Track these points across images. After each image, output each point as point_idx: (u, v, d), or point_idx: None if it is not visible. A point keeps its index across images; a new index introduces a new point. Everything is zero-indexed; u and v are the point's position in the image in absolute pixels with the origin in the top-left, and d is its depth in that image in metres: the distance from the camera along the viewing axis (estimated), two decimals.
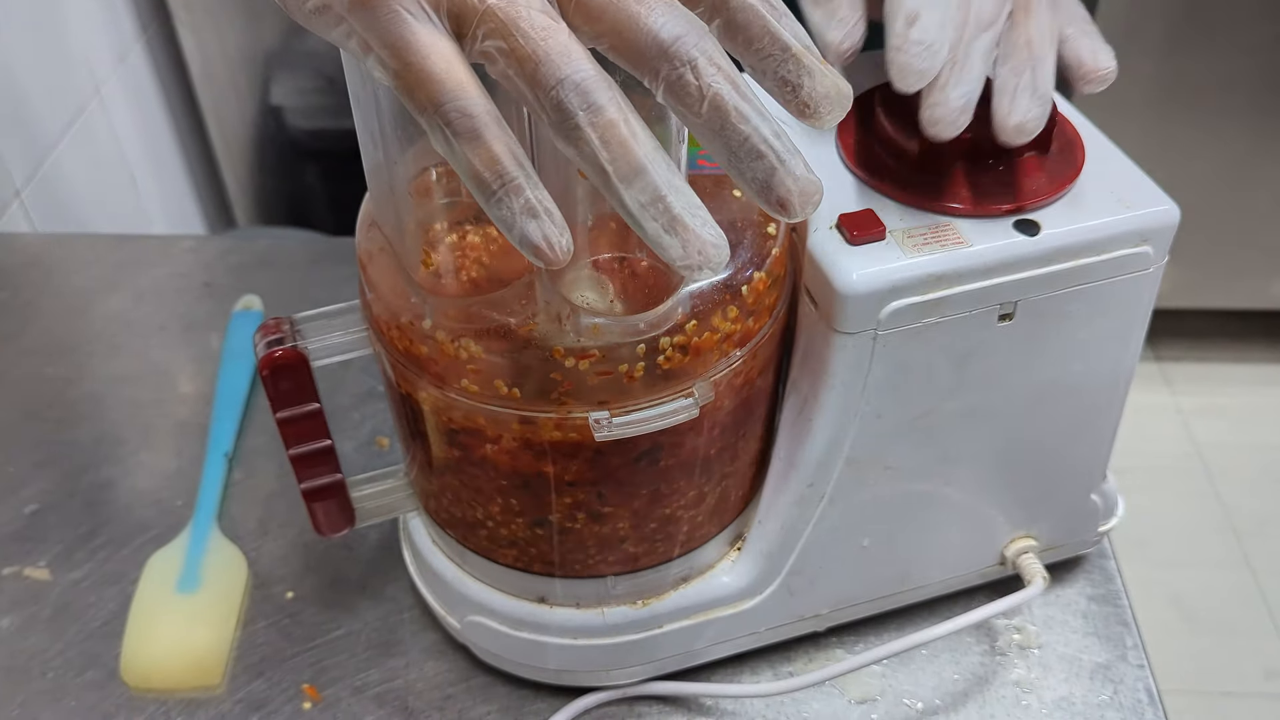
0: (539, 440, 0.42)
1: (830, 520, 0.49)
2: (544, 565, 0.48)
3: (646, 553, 0.48)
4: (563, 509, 0.45)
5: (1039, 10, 0.43)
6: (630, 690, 0.53)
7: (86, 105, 1.29)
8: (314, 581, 0.59)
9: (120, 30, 1.39)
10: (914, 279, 0.42)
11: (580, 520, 0.46)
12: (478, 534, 0.49)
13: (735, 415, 0.45)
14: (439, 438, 0.45)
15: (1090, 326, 0.46)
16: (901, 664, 0.55)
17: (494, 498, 0.46)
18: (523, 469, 0.44)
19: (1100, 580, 0.59)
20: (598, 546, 0.47)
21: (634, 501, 0.45)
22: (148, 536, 0.62)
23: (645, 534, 0.47)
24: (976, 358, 0.45)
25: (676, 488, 0.46)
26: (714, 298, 0.41)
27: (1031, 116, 0.42)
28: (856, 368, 0.44)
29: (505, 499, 0.45)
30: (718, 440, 0.45)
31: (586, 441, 0.42)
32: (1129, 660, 0.55)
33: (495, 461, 0.44)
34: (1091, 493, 0.55)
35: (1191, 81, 1.66)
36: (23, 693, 0.55)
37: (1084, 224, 0.44)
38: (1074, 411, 0.50)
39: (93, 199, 1.30)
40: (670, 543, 0.48)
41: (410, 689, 0.54)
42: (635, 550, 0.48)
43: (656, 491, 0.45)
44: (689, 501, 0.47)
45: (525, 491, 0.45)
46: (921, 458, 0.49)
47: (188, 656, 0.55)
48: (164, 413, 0.69)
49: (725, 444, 0.46)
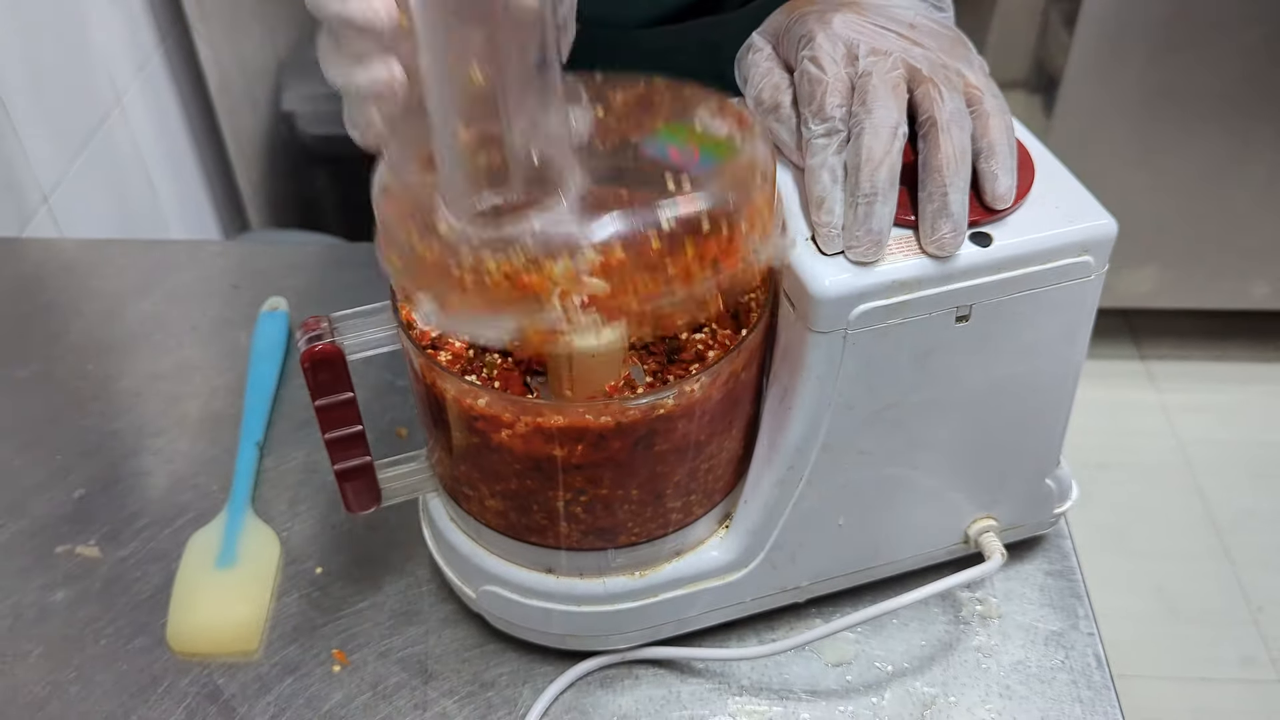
0: (548, 426, 0.48)
1: (808, 501, 0.55)
2: (552, 539, 0.54)
3: (643, 528, 0.54)
4: (569, 488, 0.51)
5: (948, 133, 0.48)
6: (629, 654, 0.59)
7: (109, 114, 1.34)
8: (341, 558, 0.65)
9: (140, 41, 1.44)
10: (880, 285, 0.48)
11: (584, 499, 0.51)
12: (492, 511, 0.54)
13: (723, 405, 0.51)
14: (459, 424, 0.51)
15: (1038, 328, 0.52)
16: (874, 631, 0.61)
17: (509, 479, 0.51)
18: (534, 452, 0.49)
19: (1057, 558, 0.64)
20: (600, 522, 0.53)
21: (632, 481, 0.51)
22: (187, 518, 0.67)
23: (642, 511, 0.53)
24: (937, 355, 0.51)
25: (670, 469, 0.52)
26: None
27: (946, 239, 0.47)
28: (829, 363, 0.50)
29: (520, 480, 0.51)
30: (707, 428, 0.51)
31: (590, 427, 0.48)
32: (1080, 629, 0.61)
33: (510, 446, 0.50)
34: (1046, 478, 0.60)
35: (1174, 85, 1.70)
36: (79, 657, 0.60)
37: (1031, 236, 0.49)
38: (1026, 404, 0.56)
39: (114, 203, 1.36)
40: (665, 520, 0.54)
41: (430, 654, 0.60)
42: (633, 526, 0.53)
43: (652, 473, 0.51)
44: (681, 481, 0.53)
45: (536, 473, 0.51)
46: (890, 444, 0.54)
47: (227, 625, 0.61)
48: (198, 406, 0.75)
49: (714, 431, 0.52)
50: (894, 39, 0.51)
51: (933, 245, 0.48)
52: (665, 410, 0.49)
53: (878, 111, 0.48)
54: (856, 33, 0.50)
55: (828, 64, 0.49)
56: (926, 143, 0.49)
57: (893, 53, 0.50)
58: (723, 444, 0.53)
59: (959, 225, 0.48)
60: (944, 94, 0.49)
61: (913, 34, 0.52)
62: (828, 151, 0.48)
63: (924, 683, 0.58)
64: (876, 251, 0.48)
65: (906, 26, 0.52)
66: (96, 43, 1.33)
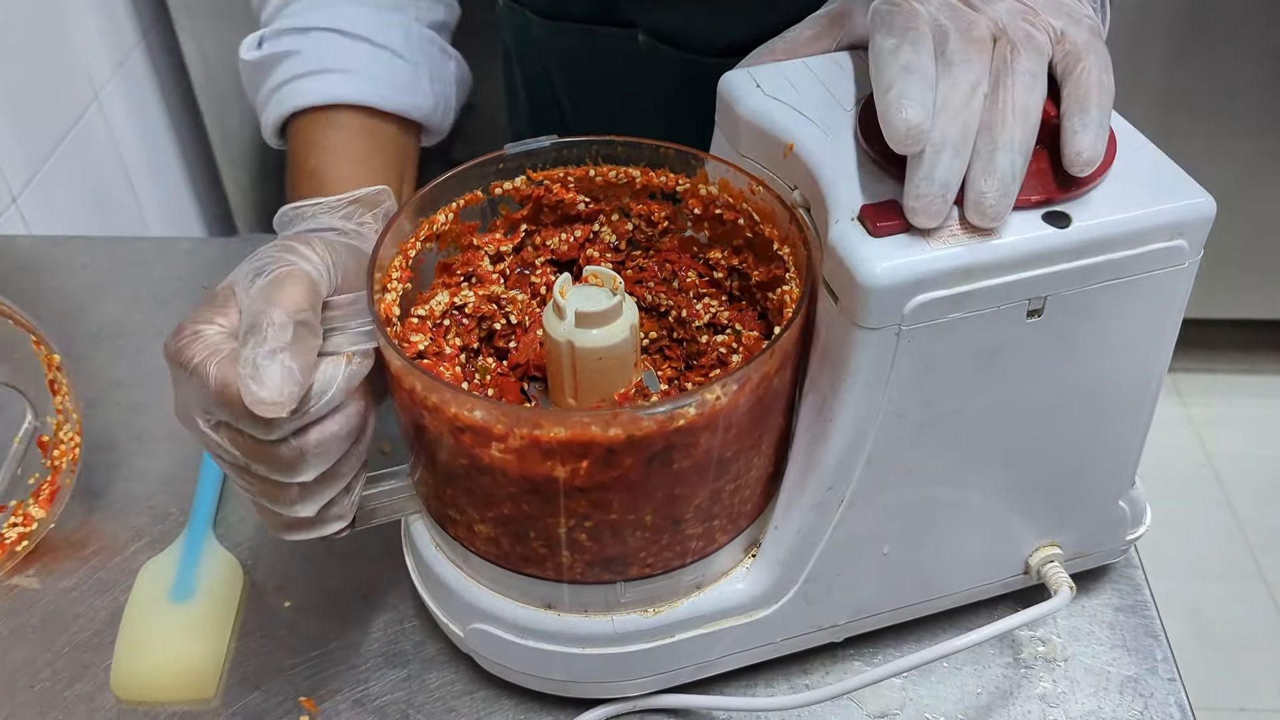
0: (548, 439, 0.40)
1: (849, 525, 0.47)
2: (552, 570, 0.46)
3: (658, 558, 0.46)
4: (572, 513, 0.43)
5: (1010, 90, 0.41)
6: (640, 703, 0.51)
7: (85, 110, 1.27)
8: (313, 590, 0.57)
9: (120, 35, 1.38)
10: (940, 272, 0.40)
11: (589, 524, 0.44)
12: (483, 537, 0.47)
13: (751, 415, 0.43)
14: (444, 438, 0.43)
15: (1122, 323, 0.45)
16: (922, 676, 0.53)
17: (502, 501, 0.44)
18: (531, 471, 0.42)
19: (1128, 591, 0.57)
20: (607, 551, 0.45)
21: (645, 504, 0.43)
22: (141, 543, 0.60)
23: (657, 539, 0.45)
24: (1004, 355, 0.44)
25: (690, 491, 0.44)
26: None
27: (987, 199, 0.40)
28: (879, 365, 0.42)
29: (515, 503, 0.44)
30: (734, 442, 0.44)
31: (597, 440, 0.40)
32: (1159, 674, 0.53)
33: (503, 463, 0.42)
34: (1120, 499, 0.53)
35: (1196, 91, 1.67)
36: (8, 706, 0.53)
37: (1116, 216, 0.42)
38: (1103, 412, 0.48)
39: (90, 204, 1.29)
40: (683, 549, 0.47)
41: (412, 702, 0.52)
42: (646, 556, 0.46)
43: (669, 494, 0.43)
44: (703, 505, 0.45)
45: (534, 495, 0.43)
46: (944, 460, 0.47)
47: (181, 667, 0.54)
48: (159, 418, 0.67)
49: (741, 446, 0.44)
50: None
51: (971, 208, 0.40)
52: (685, 421, 0.41)
53: (957, 67, 0.41)
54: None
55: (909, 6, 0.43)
56: (989, 101, 0.41)
57: (977, 7, 0.43)
58: (751, 461, 0.46)
59: (1005, 187, 0.40)
60: (1018, 52, 0.42)
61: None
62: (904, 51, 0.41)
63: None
64: (939, 213, 0.40)
65: None
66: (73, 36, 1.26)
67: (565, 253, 0.53)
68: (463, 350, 0.50)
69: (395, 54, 0.60)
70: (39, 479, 0.60)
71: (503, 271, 0.52)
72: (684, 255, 0.53)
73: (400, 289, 0.47)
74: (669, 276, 0.53)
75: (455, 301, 0.50)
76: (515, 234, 0.52)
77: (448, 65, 0.64)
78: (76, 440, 0.60)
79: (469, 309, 0.50)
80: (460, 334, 0.50)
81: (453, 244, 0.51)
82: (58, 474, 0.60)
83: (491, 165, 0.50)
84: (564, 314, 0.46)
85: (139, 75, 1.42)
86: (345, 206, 0.51)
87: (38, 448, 0.60)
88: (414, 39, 0.61)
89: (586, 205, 0.52)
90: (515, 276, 0.53)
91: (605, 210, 0.53)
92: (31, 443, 0.60)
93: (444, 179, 0.50)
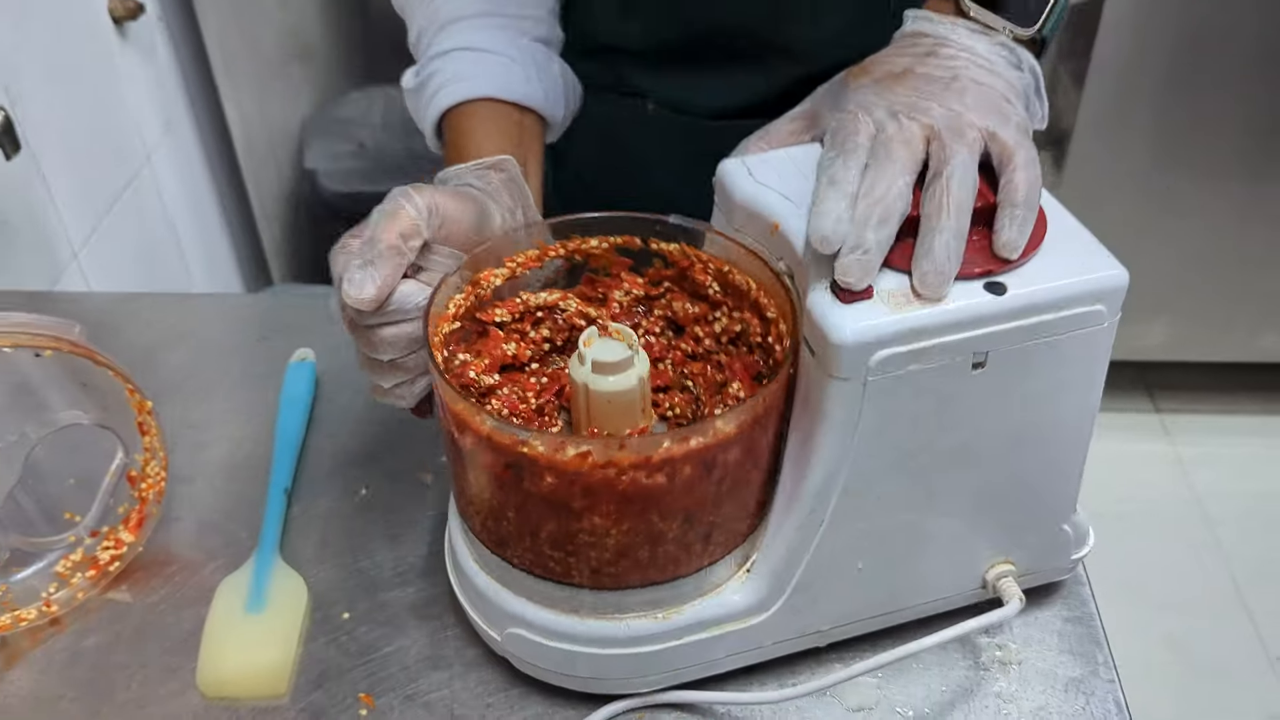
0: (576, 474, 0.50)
1: (828, 544, 0.56)
2: (577, 578, 0.55)
3: (666, 570, 0.55)
4: (594, 532, 0.52)
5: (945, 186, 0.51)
6: (651, 698, 0.59)
7: (138, 172, 1.37)
8: (367, 603, 0.66)
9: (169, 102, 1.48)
10: (898, 332, 0.49)
11: (609, 543, 0.53)
12: (518, 551, 0.56)
13: (744, 445, 0.52)
14: (485, 467, 0.52)
15: (1053, 375, 0.53)
16: (894, 677, 0.61)
17: (538, 523, 0.53)
18: (560, 499, 0.51)
19: (1076, 604, 0.65)
20: (623, 563, 0.54)
21: (654, 526, 0.52)
22: (216, 564, 0.69)
23: (665, 554, 0.54)
24: (954, 401, 0.52)
25: (694, 514, 0.53)
26: None
27: (928, 278, 0.50)
28: (850, 409, 0.51)
29: (546, 523, 0.53)
30: (732, 474, 0.52)
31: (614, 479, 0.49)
32: (1100, 675, 0.61)
33: (538, 491, 0.51)
34: (1063, 524, 0.61)
35: (1182, 143, 1.73)
36: (108, 704, 0.61)
37: (1045, 285, 0.51)
38: (1043, 450, 0.57)
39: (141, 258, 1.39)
40: (688, 562, 0.55)
41: (455, 698, 0.61)
42: (657, 568, 0.55)
43: (677, 517, 0.52)
44: (704, 526, 0.54)
45: (563, 517, 0.52)
46: (909, 490, 0.55)
47: (257, 669, 0.62)
48: (228, 453, 0.76)
49: (737, 480, 0.53)
50: (926, 101, 0.54)
51: (917, 283, 0.50)
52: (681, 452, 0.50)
53: (884, 163, 0.51)
54: (889, 99, 0.54)
55: (854, 119, 0.53)
56: (925, 194, 0.51)
57: (915, 113, 0.53)
58: (745, 488, 0.55)
59: (942, 267, 0.50)
60: (951, 151, 0.51)
61: (947, 93, 0.55)
62: (835, 165, 0.52)
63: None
64: (863, 278, 0.50)
65: (945, 83, 0.55)
66: (128, 103, 1.36)
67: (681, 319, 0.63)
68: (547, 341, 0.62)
69: (511, 59, 0.73)
70: (128, 508, 0.69)
71: (625, 306, 0.63)
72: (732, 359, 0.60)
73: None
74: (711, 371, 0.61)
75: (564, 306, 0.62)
76: (658, 286, 0.63)
77: (552, 67, 0.78)
78: (162, 475, 0.69)
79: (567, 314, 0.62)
80: (553, 331, 0.62)
81: (604, 268, 0.62)
82: (145, 504, 0.68)
83: (650, 224, 0.61)
84: (585, 360, 0.55)
85: (186, 138, 1.52)
86: (477, 170, 0.65)
87: (127, 481, 0.69)
88: (524, 49, 0.75)
89: (714, 293, 0.60)
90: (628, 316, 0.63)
91: (728, 305, 0.60)
92: (121, 477, 0.69)
93: (589, 216, 0.61)
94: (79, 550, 0.68)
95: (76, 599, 0.66)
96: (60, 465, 0.68)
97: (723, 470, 0.52)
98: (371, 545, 0.69)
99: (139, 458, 0.68)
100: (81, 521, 0.68)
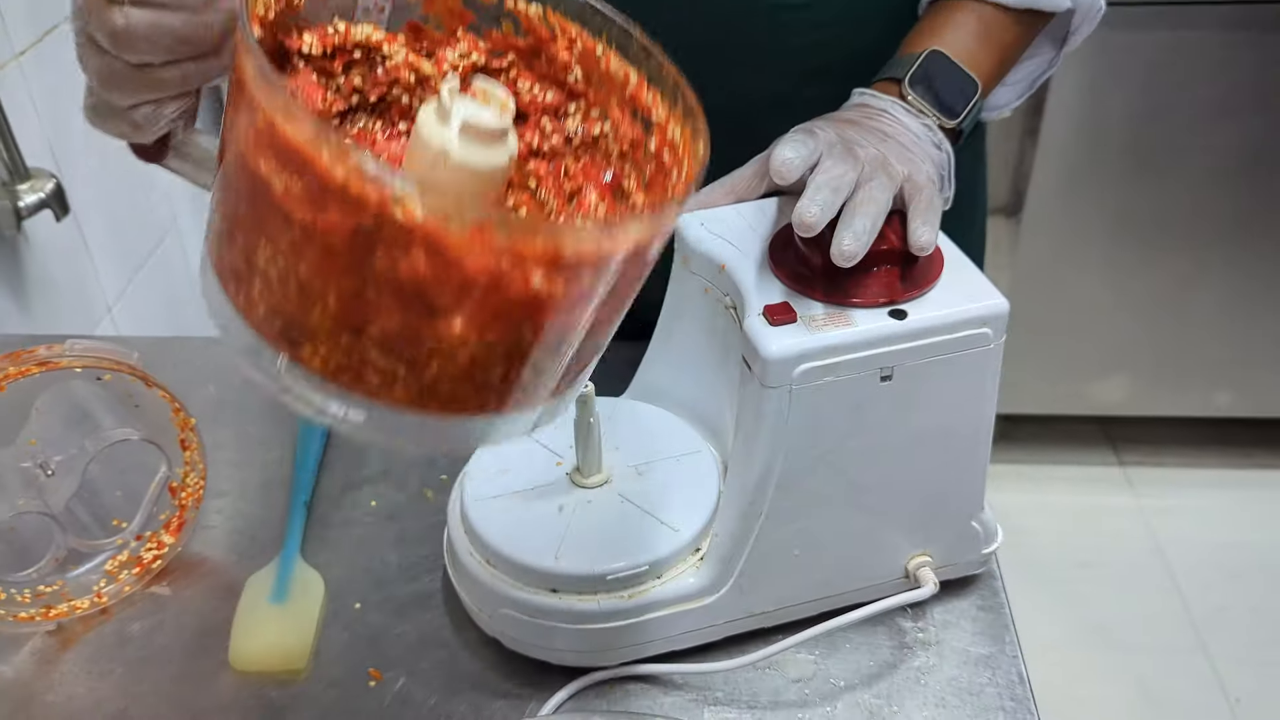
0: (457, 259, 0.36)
1: (767, 534, 0.66)
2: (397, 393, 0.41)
3: (505, 401, 0.43)
4: (448, 339, 0.38)
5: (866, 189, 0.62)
6: (620, 670, 0.69)
7: (165, 235, 1.50)
8: (376, 595, 0.76)
9: None
10: (817, 349, 0.60)
11: (461, 355, 0.39)
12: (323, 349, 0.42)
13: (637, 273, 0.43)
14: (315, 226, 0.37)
15: (951, 387, 0.64)
16: (830, 653, 0.71)
17: (368, 317, 0.39)
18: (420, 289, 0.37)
19: (988, 595, 0.75)
20: (464, 386, 0.41)
21: (524, 342, 0.40)
22: (245, 563, 0.79)
23: (512, 379, 0.42)
24: (866, 408, 0.63)
25: (563, 338, 0.41)
26: None
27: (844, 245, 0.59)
28: (779, 414, 0.62)
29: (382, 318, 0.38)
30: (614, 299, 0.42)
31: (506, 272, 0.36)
32: (1005, 653, 0.71)
33: (391, 275, 0.37)
34: (972, 520, 0.71)
35: (1133, 214, 1.87)
36: (154, 676, 0.71)
37: (940, 312, 0.62)
38: (946, 454, 0.67)
39: (167, 313, 1.51)
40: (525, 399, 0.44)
41: (453, 672, 0.71)
42: (496, 397, 0.42)
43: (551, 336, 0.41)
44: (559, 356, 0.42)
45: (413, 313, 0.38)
46: (833, 486, 0.66)
47: (280, 648, 0.72)
48: (256, 472, 0.87)
49: (612, 308, 0.43)
50: (865, 140, 0.67)
51: (835, 254, 0.60)
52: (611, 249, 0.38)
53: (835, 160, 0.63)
54: (838, 129, 0.67)
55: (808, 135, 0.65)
56: (853, 194, 0.62)
57: (855, 145, 0.65)
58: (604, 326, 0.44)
59: (858, 239, 0.60)
60: (876, 173, 0.63)
61: (882, 144, 0.68)
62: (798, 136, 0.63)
63: (871, 695, 0.69)
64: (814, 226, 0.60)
65: (881, 137, 0.68)
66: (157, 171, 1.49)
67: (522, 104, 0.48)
68: (356, 93, 0.47)
69: None
70: (169, 514, 0.79)
71: (458, 69, 0.48)
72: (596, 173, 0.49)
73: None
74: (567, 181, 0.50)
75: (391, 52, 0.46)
76: (501, 58, 0.48)
77: None
78: (201, 485, 0.79)
79: (392, 63, 0.47)
80: (366, 83, 0.47)
81: (437, 19, 0.48)
82: (184, 510, 0.79)
83: None
84: (449, 118, 0.40)
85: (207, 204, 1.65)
86: None
87: (168, 491, 0.79)
88: None
89: (575, 81, 0.48)
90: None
91: (587, 98, 0.48)
92: (164, 488, 0.79)
93: None
94: (126, 551, 0.78)
95: (123, 592, 0.76)
96: (111, 478, 0.79)
97: (613, 292, 0.41)
98: (380, 548, 0.80)
99: (180, 470, 0.79)
100: (128, 527, 0.78)
